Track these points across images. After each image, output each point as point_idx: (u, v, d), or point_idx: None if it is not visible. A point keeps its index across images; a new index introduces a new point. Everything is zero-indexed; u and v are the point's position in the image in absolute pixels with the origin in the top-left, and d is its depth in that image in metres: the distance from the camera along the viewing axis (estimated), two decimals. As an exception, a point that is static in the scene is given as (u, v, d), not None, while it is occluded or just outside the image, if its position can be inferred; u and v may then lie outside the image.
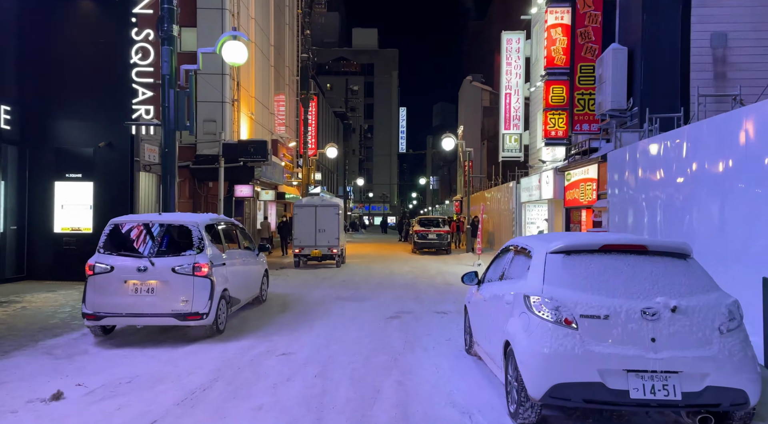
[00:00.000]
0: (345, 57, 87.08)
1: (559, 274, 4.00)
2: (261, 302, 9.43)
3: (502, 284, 4.87)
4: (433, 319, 8.41)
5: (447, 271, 15.98)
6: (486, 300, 5.17)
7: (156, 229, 6.86)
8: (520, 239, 5.01)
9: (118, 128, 11.79)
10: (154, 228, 6.87)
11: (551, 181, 15.84)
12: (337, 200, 16.96)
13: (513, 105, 19.98)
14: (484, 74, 43.31)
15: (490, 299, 5.05)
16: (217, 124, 19.60)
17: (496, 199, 24.41)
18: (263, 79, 25.31)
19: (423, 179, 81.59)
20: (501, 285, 4.87)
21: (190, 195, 20.04)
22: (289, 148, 29.60)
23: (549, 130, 15.22)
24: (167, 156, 10.56)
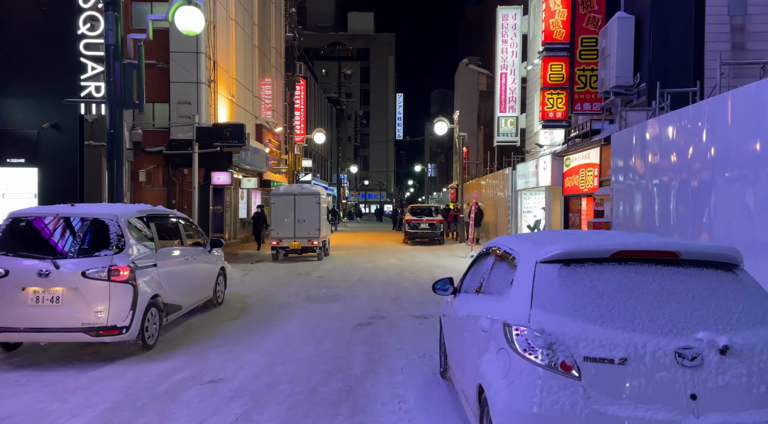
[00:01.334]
0: (340, 42, 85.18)
1: (555, 293, 2.81)
2: (215, 305, 8.24)
3: (478, 301, 3.66)
4: (409, 326, 7.24)
5: (436, 264, 14.81)
6: (460, 319, 3.97)
7: (66, 224, 5.64)
8: (504, 240, 3.79)
9: (65, 107, 10.54)
10: (62, 223, 5.64)
11: (549, 167, 14.61)
12: (317, 188, 15.72)
13: (509, 86, 18.66)
14: (481, 58, 41.80)
15: (463, 319, 3.85)
16: (192, 107, 18.29)
17: (492, 187, 23.18)
18: (246, 60, 23.90)
19: (419, 167, 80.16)
20: (477, 302, 3.67)
21: (163, 183, 18.79)
22: (276, 134, 28.26)
23: (547, 111, 13.95)
24: (113, 138, 9.32)
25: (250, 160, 20.61)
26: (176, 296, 6.59)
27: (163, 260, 6.29)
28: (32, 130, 10.62)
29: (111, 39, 9.08)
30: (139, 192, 18.46)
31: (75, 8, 10.65)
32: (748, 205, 5.82)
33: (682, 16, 10.59)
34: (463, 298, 4.21)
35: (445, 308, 4.86)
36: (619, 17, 10.96)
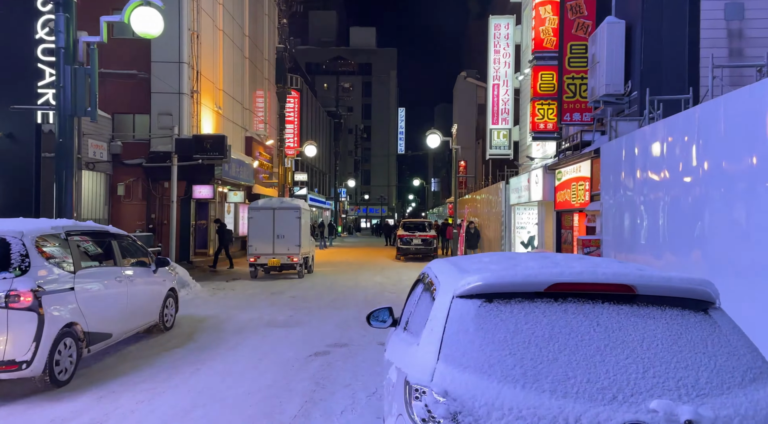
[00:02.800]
0: (342, 56, 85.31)
1: (469, 340, 2.09)
2: (162, 330, 7.51)
3: (400, 341, 2.94)
4: (370, 355, 6.49)
5: (421, 283, 14.05)
6: (386, 362, 3.25)
7: (-38, 242, 4.96)
8: (437, 264, 3.07)
9: (19, 117, 9.96)
10: (-43, 241, 4.96)
11: (540, 181, 13.90)
12: (298, 202, 15.05)
13: (501, 97, 18.05)
14: (479, 71, 41.40)
15: (386, 363, 3.13)
16: (173, 118, 17.74)
17: (486, 202, 22.46)
18: (235, 71, 23.44)
19: (417, 181, 79.50)
20: (398, 342, 2.95)
21: (143, 196, 18.18)
22: (267, 147, 27.72)
23: (537, 122, 13.29)
24: (62, 148, 8.70)
25: (235, 173, 20.01)
26: (104, 323, 5.88)
27: (84, 282, 5.59)
28: (-16, 140, 10.05)
29: (61, 42, 8.50)
30: (117, 206, 17.85)
31: (32, 11, 10.14)
32: (741, 222, 5.09)
33: (676, 20, 9.95)
34: (394, 333, 3.49)
35: (387, 341, 4.13)
36: (609, 22, 10.33)
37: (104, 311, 5.91)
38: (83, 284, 5.56)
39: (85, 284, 5.60)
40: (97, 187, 17.08)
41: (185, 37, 17.85)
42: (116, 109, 17.76)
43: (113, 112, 17.68)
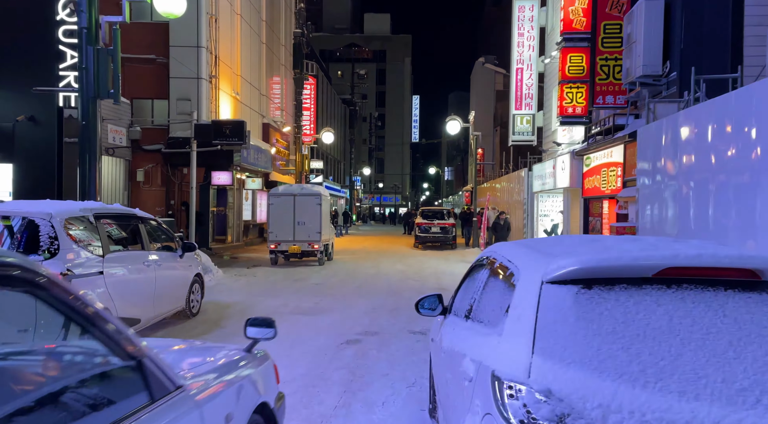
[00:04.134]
0: (356, 43, 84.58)
1: (569, 331, 1.83)
2: (188, 316, 7.37)
3: (465, 330, 2.68)
4: (403, 345, 6.27)
5: (445, 271, 13.80)
6: (444, 352, 2.99)
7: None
8: (503, 248, 2.80)
9: (41, 100, 9.83)
10: (-15, 222, 4.81)
11: (567, 167, 13.52)
12: (318, 189, 14.83)
13: (525, 82, 17.58)
14: (498, 57, 40.67)
15: (448, 353, 2.87)
16: (191, 104, 17.58)
17: (506, 190, 22.07)
18: (252, 56, 23.20)
19: (433, 169, 79.00)
20: (463, 331, 2.69)
21: (162, 182, 18.11)
22: (284, 134, 27.52)
23: (565, 106, 12.87)
24: (86, 131, 8.55)
25: (253, 160, 19.85)
26: (132, 308, 5.72)
27: (113, 266, 5.43)
28: (7, 124, 9.93)
29: (84, 21, 8.31)
30: (136, 192, 17.80)
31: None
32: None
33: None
34: (451, 322, 3.23)
35: (434, 331, 3.87)
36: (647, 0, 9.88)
37: (132, 296, 5.76)
38: (111, 268, 5.39)
39: (114, 268, 5.44)
40: (116, 173, 17.03)
41: (204, 20, 17.61)
42: (135, 94, 17.62)
43: (132, 97, 17.55)
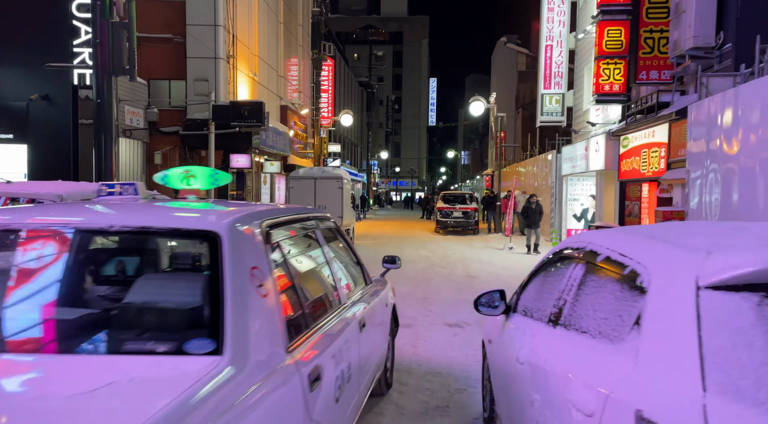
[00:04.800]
0: (373, 25, 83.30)
1: (759, 359, 1.29)
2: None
3: (556, 338, 2.15)
4: (440, 339, 5.79)
5: (471, 257, 13.28)
6: (521, 362, 2.46)
7: (0, 205, 4.39)
8: (600, 237, 2.25)
9: (55, 78, 9.44)
10: None
11: (602, 149, 12.81)
12: (340, 171, 14.35)
13: (554, 59, 16.78)
14: (520, 37, 39.50)
15: (528, 365, 2.35)
16: (209, 84, 17.13)
17: (532, 173, 21.34)
18: (270, 36, 22.63)
19: (452, 153, 78.01)
20: (554, 340, 2.16)
21: (180, 165, 17.79)
22: (302, 116, 27.00)
23: (602, 83, 12.12)
24: (101, 109, 8.12)
25: (272, 143, 19.40)
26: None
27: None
28: (20, 103, 9.58)
29: (97, -6, 7.85)
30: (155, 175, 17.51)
31: (66, -36, 9.53)
32: None
33: (780, -40, 8.64)
34: (522, 324, 2.72)
35: (493, 329, 3.36)
36: (699, -35, 9.07)
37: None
38: (128, 255, 4.96)
39: (131, 255, 5.01)
40: (134, 156, 16.72)
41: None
42: (152, 75, 17.22)
43: (149, 78, 17.15)
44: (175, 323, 1.89)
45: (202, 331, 1.75)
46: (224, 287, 1.78)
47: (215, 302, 1.76)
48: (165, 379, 1.52)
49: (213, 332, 1.70)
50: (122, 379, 1.49)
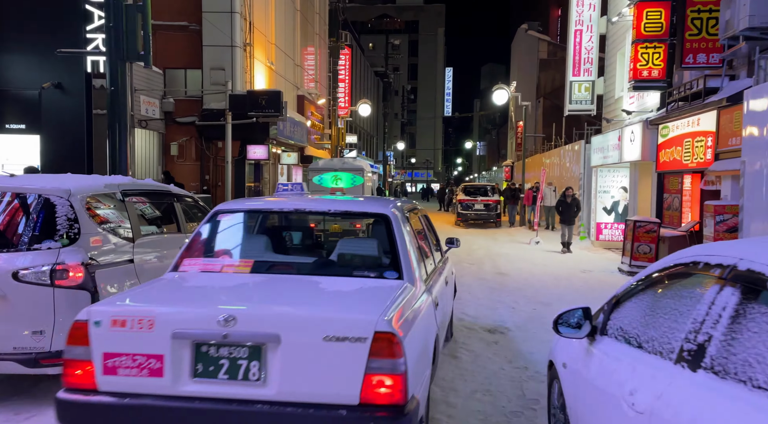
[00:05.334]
0: (388, 14, 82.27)
1: None
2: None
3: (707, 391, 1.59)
4: (480, 347, 5.28)
5: (499, 252, 12.73)
6: (640, 412, 1.87)
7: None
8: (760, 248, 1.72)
9: (68, 65, 9.05)
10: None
11: (638, 138, 12.12)
12: (361, 163, 13.84)
13: (584, 45, 16.01)
14: (541, 24, 38.46)
15: (651, 417, 1.81)
16: (225, 73, 16.70)
17: (556, 165, 20.63)
18: (287, 25, 22.11)
19: (470, 143, 77.06)
20: (704, 393, 1.61)
21: (196, 157, 17.41)
22: (319, 107, 26.51)
23: (640, 69, 11.41)
24: (115, 97, 7.71)
25: (289, 133, 18.95)
26: (168, 300, 4.90)
27: (146, 253, 4.58)
28: (33, 91, 9.20)
29: (109, -26, 7.40)
30: (171, 166, 17.16)
31: (78, -54, 9.09)
32: None
33: None
34: (624, 354, 2.18)
35: (569, 352, 2.78)
36: (756, -63, 8.32)
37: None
38: (144, 255, 4.54)
39: (147, 255, 4.59)
40: (150, 147, 16.40)
41: (237, -17, 16.58)
42: (167, 64, 16.83)
43: (164, 67, 16.76)
44: (373, 263, 3.29)
45: (390, 267, 3.14)
46: (395, 245, 3.19)
47: (394, 252, 3.18)
48: (384, 287, 2.89)
49: (396, 268, 3.10)
50: (365, 285, 2.95)
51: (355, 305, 2.68)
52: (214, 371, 2.36)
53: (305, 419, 2.28)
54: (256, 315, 2.45)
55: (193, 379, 2.38)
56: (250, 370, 2.34)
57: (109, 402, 2.39)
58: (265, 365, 2.34)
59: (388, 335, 2.29)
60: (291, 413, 2.28)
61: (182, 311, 2.53)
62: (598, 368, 2.36)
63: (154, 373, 2.37)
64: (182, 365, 2.38)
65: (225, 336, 2.34)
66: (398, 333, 2.33)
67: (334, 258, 3.34)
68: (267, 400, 2.31)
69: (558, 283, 8.89)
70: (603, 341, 2.43)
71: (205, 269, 3.19)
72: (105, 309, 2.54)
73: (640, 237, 10.46)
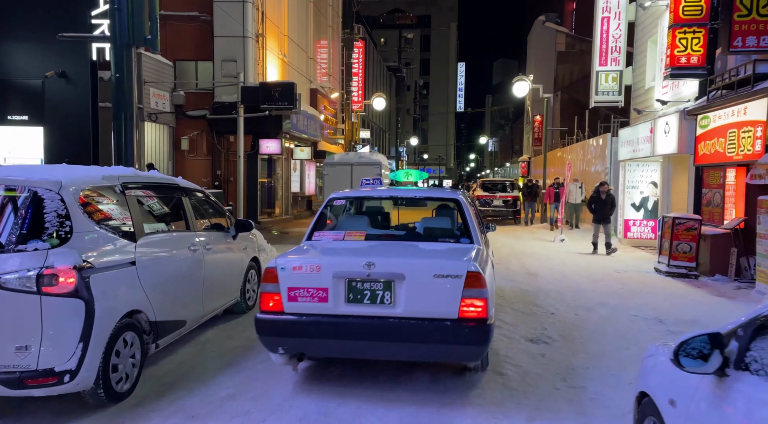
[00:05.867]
0: (399, 9, 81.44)
1: None
2: (244, 310, 6.00)
3: None
4: (524, 360, 4.67)
5: (524, 251, 12.08)
6: None
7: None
8: None
9: (72, 53, 8.55)
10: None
11: (674, 130, 11.38)
12: (378, 157, 13.24)
13: (612, 33, 15.23)
14: (559, 15, 37.51)
15: None
16: (237, 65, 16.18)
17: (579, 160, 19.86)
18: (300, 16, 21.54)
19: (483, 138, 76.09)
20: None
21: (208, 151, 16.94)
22: (332, 101, 25.93)
23: (677, 55, 10.67)
24: (120, 84, 7.19)
25: (303, 127, 18.40)
26: (176, 307, 4.35)
27: (150, 253, 4.03)
28: (36, 80, 8.71)
29: (113, -49, 6.86)
30: (181, 161, 16.71)
31: (82, -74, 8.57)
32: None
33: None
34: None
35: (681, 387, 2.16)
36: None
37: (176, 292, 4.37)
38: (148, 256, 3.99)
39: (151, 256, 4.04)
40: (160, 141, 15.94)
41: (249, -29, 16.04)
42: (177, 56, 16.36)
43: (174, 58, 16.29)
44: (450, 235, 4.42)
45: (464, 236, 4.32)
46: (467, 220, 4.40)
47: (466, 226, 4.37)
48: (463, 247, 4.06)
49: (468, 236, 4.29)
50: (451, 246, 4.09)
51: (452, 256, 3.82)
52: (360, 298, 3.59)
53: (422, 328, 3.47)
54: (388, 262, 3.62)
55: (346, 303, 3.60)
56: (384, 297, 3.56)
57: (292, 320, 3.62)
58: (393, 293, 3.55)
59: (476, 274, 3.50)
60: (413, 324, 3.49)
61: (339, 260, 3.77)
62: (745, 418, 1.75)
63: (321, 300, 3.58)
64: (339, 295, 3.60)
65: (368, 275, 3.55)
66: (482, 272, 3.56)
67: (420, 230, 4.56)
68: (396, 316, 3.53)
69: (595, 285, 8.24)
70: (743, 379, 1.82)
71: (332, 238, 4.37)
72: (288, 260, 3.75)
73: (679, 235, 9.75)
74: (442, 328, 3.44)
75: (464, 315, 3.46)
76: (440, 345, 3.51)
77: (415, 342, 3.51)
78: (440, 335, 3.45)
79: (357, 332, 3.53)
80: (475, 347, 3.53)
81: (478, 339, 3.48)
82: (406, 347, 3.55)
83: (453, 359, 3.88)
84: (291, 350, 3.67)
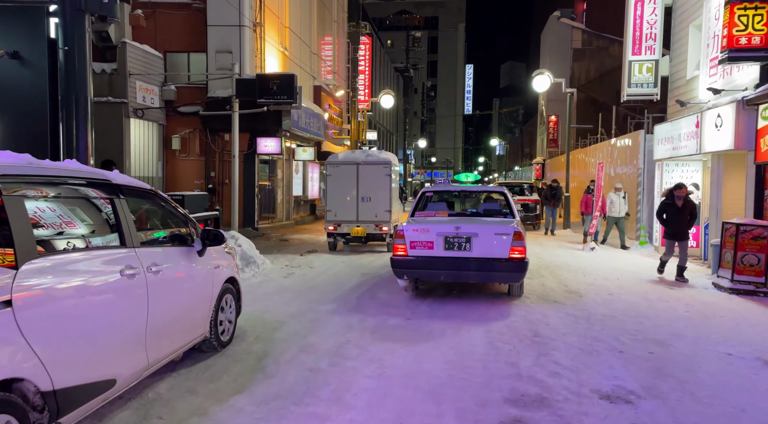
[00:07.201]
0: (407, 10, 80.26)
1: None
2: (215, 348, 4.55)
3: None
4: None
5: (554, 262, 10.57)
6: None
7: None
8: None
9: (26, 30, 7.21)
10: None
11: (729, 123, 9.86)
12: (388, 155, 11.78)
13: (646, 18, 13.73)
14: (574, 11, 36.02)
15: None
16: (233, 56, 14.83)
17: (606, 161, 18.32)
18: (302, 6, 20.19)
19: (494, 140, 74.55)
20: None
21: (201, 151, 15.56)
22: (337, 99, 24.56)
23: (736, 35, 9.18)
24: (70, 60, 5.81)
25: (305, 125, 17.01)
26: (95, 362, 2.91)
27: (43, 285, 2.59)
28: (-18, 62, 7.36)
29: None
30: (172, 162, 15.37)
31: None
32: None
33: None
34: None
35: None
36: None
37: (96, 340, 2.93)
38: (39, 289, 2.56)
39: (44, 289, 2.60)
40: (148, 140, 14.60)
41: (245, -46, 14.70)
42: (168, 47, 15.04)
43: (165, 50, 14.98)
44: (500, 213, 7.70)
45: (509, 214, 7.72)
46: (510, 204, 7.85)
47: (509, 208, 7.86)
48: (508, 220, 7.19)
49: (511, 213, 7.70)
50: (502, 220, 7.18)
51: (503, 223, 6.69)
52: (452, 247, 6.43)
53: (487, 263, 6.37)
54: (468, 227, 6.50)
55: (444, 250, 6.45)
56: (465, 246, 6.40)
57: (413, 259, 6.52)
58: (471, 244, 6.40)
59: (518, 233, 6.42)
60: (483, 260, 6.40)
61: (440, 226, 6.54)
62: None
63: (429, 248, 6.47)
64: (440, 245, 6.45)
65: (457, 234, 6.42)
66: (522, 232, 6.60)
67: (480, 211, 7.72)
68: (473, 257, 6.40)
69: (653, 307, 6.74)
70: None
71: (427, 215, 7.46)
72: (409, 226, 6.65)
73: (744, 245, 8.23)
74: (500, 262, 6.36)
75: (511, 256, 6.35)
76: (497, 273, 6.44)
77: (483, 271, 6.42)
78: (498, 267, 6.37)
79: (450, 266, 6.44)
80: (518, 273, 6.45)
81: (519, 268, 6.40)
82: (478, 274, 6.47)
83: (504, 281, 6.69)
84: (411, 276, 6.67)
